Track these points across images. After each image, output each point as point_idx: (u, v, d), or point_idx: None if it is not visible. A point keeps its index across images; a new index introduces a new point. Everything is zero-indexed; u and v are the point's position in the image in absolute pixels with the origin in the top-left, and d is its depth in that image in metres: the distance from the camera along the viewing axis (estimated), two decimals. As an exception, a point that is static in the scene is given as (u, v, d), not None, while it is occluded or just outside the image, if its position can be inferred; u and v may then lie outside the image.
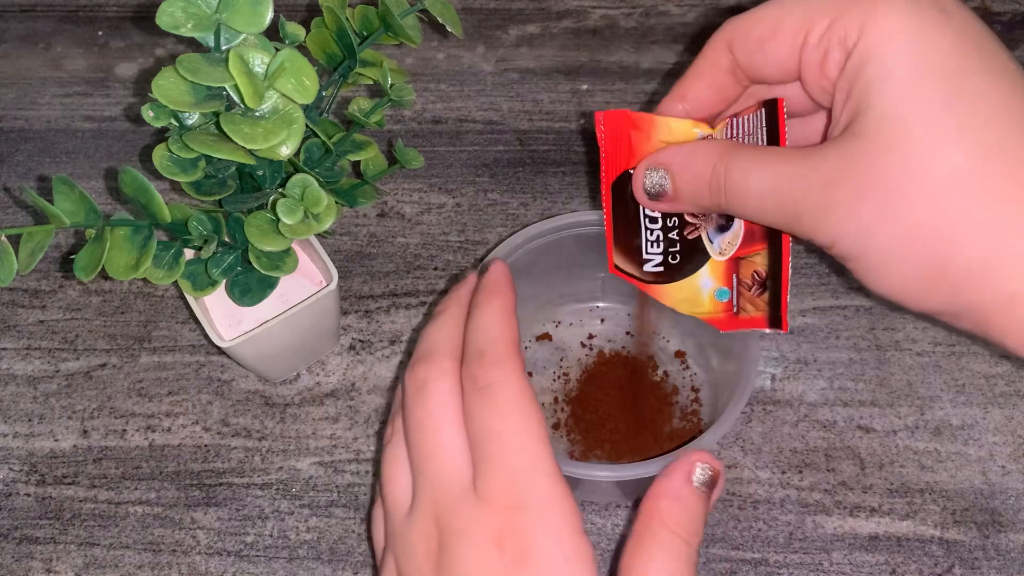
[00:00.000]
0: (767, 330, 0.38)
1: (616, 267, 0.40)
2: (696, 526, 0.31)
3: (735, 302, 0.38)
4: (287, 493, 0.47)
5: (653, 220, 0.38)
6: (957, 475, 0.46)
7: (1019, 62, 0.30)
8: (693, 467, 0.32)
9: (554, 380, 0.49)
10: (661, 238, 0.38)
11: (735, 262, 0.38)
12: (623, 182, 0.37)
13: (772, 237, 0.36)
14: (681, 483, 0.32)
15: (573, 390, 0.48)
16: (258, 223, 0.39)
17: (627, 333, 0.50)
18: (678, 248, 0.38)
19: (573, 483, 0.44)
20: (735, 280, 0.38)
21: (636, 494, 0.45)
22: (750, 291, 0.37)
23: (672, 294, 0.39)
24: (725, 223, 0.37)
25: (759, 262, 0.36)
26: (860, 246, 0.29)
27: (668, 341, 0.49)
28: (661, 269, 0.39)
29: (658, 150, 0.36)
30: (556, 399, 0.48)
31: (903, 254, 0.29)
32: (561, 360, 0.49)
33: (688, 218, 0.38)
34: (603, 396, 0.48)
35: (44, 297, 0.54)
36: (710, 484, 0.32)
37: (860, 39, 0.29)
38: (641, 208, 0.38)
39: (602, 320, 0.51)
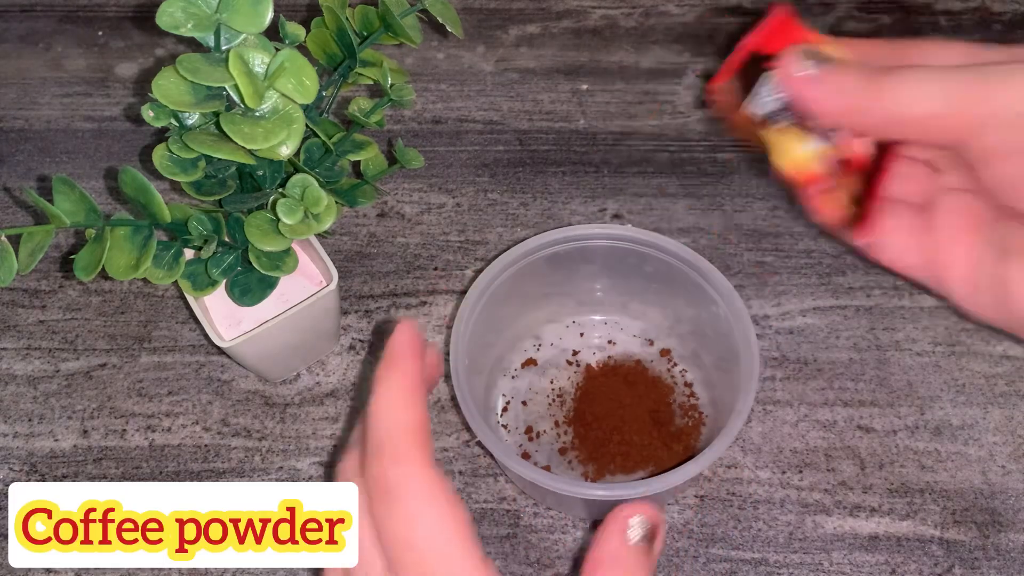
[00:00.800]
0: (845, 229, 0.34)
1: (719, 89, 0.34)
2: None
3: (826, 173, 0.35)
4: (287, 493, 0.47)
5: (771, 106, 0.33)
6: (957, 475, 0.46)
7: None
8: (626, 524, 0.31)
9: (549, 405, 0.48)
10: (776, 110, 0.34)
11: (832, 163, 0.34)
12: (748, 71, 0.33)
13: (875, 160, 0.33)
14: (617, 545, 0.30)
15: (570, 411, 0.48)
16: (258, 223, 0.39)
17: (609, 342, 0.50)
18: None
19: (600, 506, 0.43)
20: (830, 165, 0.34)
21: (663, 500, 0.45)
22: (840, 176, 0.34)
23: (769, 132, 0.34)
24: (827, 139, 0.34)
25: (850, 184, 0.34)
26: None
27: (652, 344, 0.49)
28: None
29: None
30: (556, 423, 0.47)
31: None
32: (551, 382, 0.49)
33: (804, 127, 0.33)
34: (602, 410, 0.47)
35: (44, 297, 0.54)
36: (650, 536, 0.31)
37: None
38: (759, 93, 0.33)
39: (582, 334, 0.50)
